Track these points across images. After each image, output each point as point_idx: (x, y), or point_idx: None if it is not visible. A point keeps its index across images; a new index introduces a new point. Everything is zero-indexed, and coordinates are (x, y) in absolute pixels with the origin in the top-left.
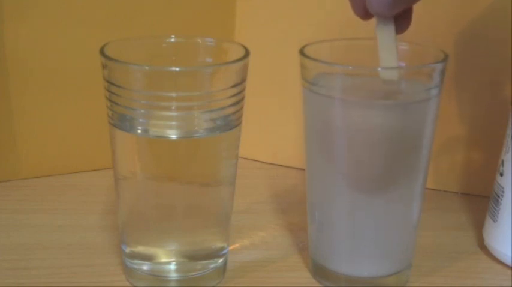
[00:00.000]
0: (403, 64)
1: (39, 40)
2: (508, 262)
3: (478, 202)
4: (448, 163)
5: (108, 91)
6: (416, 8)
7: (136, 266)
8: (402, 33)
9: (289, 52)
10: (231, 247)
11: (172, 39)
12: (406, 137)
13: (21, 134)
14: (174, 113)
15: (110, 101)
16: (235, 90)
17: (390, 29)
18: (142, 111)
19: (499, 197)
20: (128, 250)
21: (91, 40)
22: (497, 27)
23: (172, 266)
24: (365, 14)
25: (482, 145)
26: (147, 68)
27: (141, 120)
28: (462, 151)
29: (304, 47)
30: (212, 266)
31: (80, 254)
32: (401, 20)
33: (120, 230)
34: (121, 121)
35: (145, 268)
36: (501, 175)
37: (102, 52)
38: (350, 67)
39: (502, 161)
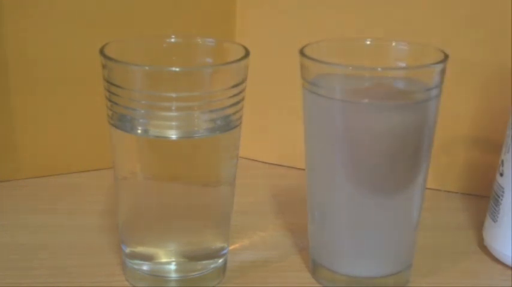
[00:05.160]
0: (403, 64)
1: (39, 40)
2: (508, 262)
3: (478, 202)
4: (448, 163)
5: (108, 91)
6: (417, 8)
7: (136, 266)
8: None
9: (289, 52)
10: (231, 247)
11: (172, 39)
12: (406, 137)
13: (21, 134)
14: (174, 113)
15: (110, 101)
16: (235, 91)
17: None
18: (142, 111)
19: (499, 197)
20: (127, 250)
21: (91, 40)
22: (497, 27)
23: (172, 266)
24: None
25: (482, 145)
26: (147, 68)
27: (141, 120)
28: (462, 151)
29: (304, 47)
30: (212, 266)
31: (80, 254)
32: None
33: (120, 230)
34: (121, 121)
35: (145, 268)
36: (501, 175)
37: (102, 52)
38: (350, 67)
39: (502, 161)
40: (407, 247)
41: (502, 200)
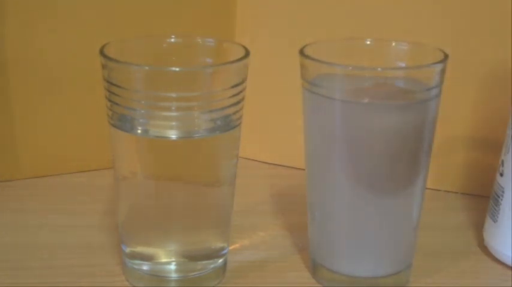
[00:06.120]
0: (403, 64)
1: (40, 40)
2: (508, 262)
3: (478, 202)
4: (448, 163)
5: (108, 91)
6: (417, 8)
7: (136, 266)
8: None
9: (289, 52)
10: (231, 247)
11: (172, 39)
12: (406, 137)
13: (21, 134)
14: (174, 113)
15: (110, 101)
16: (235, 91)
17: None
18: (143, 111)
19: (499, 197)
20: (127, 250)
21: (91, 40)
22: (497, 27)
23: (172, 266)
24: None
25: (482, 144)
26: (147, 68)
27: (141, 120)
28: (462, 151)
29: (304, 47)
30: (212, 266)
31: (80, 254)
32: None
33: (120, 230)
34: (121, 121)
35: (145, 268)
36: (501, 175)
37: (102, 52)
38: (350, 67)
39: (502, 161)
40: (407, 247)
41: (502, 200)
